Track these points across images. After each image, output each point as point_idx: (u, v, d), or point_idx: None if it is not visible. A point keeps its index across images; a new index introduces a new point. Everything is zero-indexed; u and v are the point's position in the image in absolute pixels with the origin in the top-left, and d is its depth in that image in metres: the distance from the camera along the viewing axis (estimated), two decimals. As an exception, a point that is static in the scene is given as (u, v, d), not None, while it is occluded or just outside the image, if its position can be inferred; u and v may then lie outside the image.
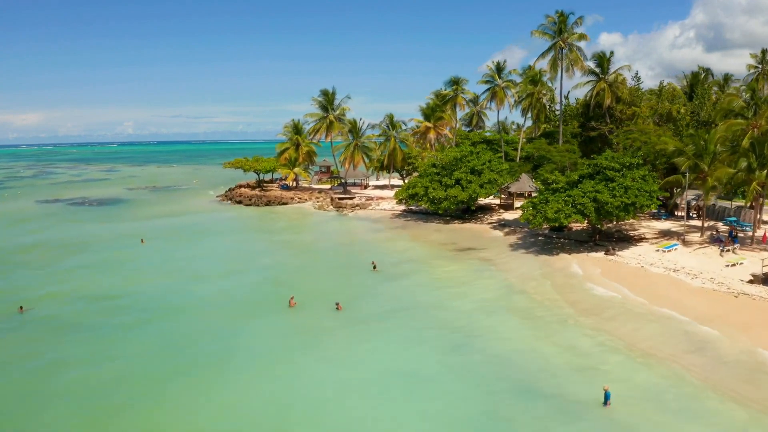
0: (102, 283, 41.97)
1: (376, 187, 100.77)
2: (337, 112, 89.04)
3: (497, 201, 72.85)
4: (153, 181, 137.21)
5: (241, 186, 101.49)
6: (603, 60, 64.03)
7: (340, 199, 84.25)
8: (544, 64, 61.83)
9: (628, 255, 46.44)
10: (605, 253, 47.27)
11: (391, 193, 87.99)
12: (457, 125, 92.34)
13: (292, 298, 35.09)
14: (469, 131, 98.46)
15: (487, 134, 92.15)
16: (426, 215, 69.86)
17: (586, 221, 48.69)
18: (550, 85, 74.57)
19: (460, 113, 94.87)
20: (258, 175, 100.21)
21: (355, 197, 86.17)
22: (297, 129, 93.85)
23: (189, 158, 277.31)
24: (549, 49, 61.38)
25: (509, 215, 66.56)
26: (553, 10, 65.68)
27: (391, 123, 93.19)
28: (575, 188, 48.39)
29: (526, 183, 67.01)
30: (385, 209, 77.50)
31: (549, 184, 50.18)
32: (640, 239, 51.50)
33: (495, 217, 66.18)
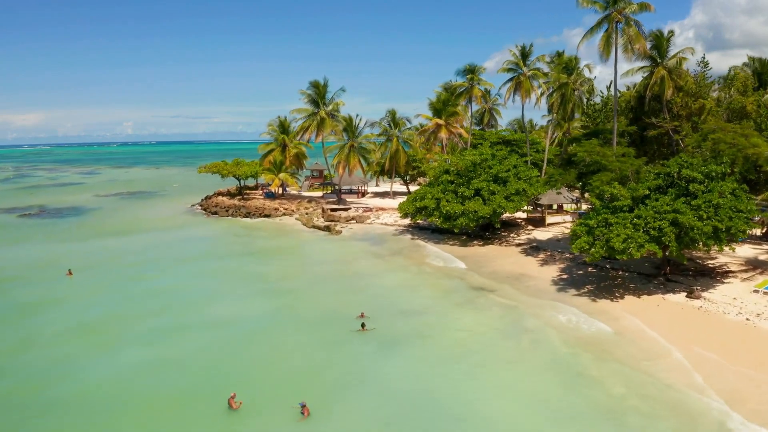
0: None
1: (376, 194, 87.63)
2: (330, 107, 75.34)
3: (523, 215, 59.79)
4: (131, 185, 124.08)
5: (220, 194, 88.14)
6: (661, 41, 50.02)
7: (332, 210, 71.15)
8: (594, 43, 47.12)
9: (719, 298, 33.86)
10: (687, 296, 34.42)
11: (393, 202, 75.10)
12: (470, 123, 78.99)
13: (233, 397, 21.92)
14: (480, 130, 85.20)
15: (504, 134, 78.96)
16: (437, 232, 56.78)
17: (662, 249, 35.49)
18: (587, 74, 61.07)
19: (474, 107, 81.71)
20: (239, 180, 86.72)
21: (350, 208, 73.19)
22: (283, 127, 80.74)
23: (185, 159, 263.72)
24: (600, 23, 46.45)
25: (541, 233, 53.41)
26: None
27: (393, 120, 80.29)
28: (642, 206, 35.57)
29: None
30: (386, 223, 64.44)
31: (606, 200, 37.18)
32: (725, 273, 38.82)
33: (523, 236, 53.00)
